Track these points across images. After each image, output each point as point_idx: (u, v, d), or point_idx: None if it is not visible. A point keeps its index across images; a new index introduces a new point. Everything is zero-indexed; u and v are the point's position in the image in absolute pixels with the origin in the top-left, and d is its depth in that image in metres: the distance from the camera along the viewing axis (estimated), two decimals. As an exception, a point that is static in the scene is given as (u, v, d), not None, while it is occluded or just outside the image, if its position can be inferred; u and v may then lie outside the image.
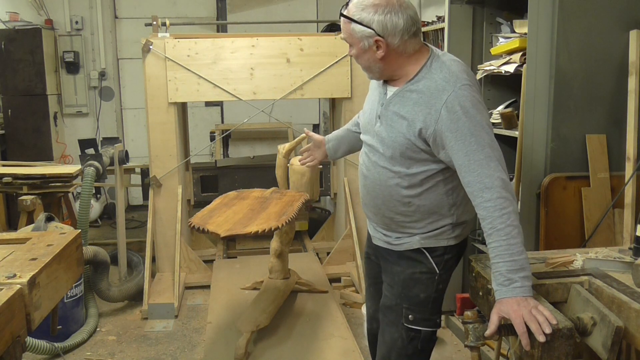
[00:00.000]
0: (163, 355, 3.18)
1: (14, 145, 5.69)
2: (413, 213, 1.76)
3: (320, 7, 6.54)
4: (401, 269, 1.83)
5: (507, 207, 1.54)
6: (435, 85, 1.64)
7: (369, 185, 1.83)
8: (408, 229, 1.80)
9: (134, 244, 4.49)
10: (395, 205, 1.77)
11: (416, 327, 1.80)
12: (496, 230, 1.53)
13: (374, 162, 1.78)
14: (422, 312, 1.80)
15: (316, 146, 2.34)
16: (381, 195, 1.79)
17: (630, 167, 2.37)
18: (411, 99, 1.68)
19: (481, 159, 1.56)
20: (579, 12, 2.41)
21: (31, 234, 1.82)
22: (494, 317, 1.49)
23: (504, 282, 1.50)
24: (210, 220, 2.67)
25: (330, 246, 4.54)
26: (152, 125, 3.97)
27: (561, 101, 2.44)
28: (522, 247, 1.53)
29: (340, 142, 2.24)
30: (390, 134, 1.71)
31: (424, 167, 1.70)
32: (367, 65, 1.75)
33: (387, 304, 1.88)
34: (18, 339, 1.32)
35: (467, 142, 1.57)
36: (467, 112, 1.58)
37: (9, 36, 5.59)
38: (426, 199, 1.74)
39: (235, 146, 6.68)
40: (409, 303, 1.81)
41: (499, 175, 1.56)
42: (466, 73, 1.67)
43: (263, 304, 3.01)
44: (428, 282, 1.80)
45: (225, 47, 3.92)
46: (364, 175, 1.85)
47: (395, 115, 1.70)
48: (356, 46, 1.71)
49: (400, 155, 1.70)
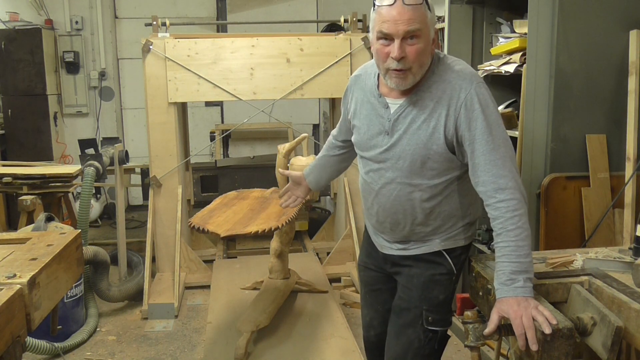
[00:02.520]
0: (163, 355, 3.18)
1: (14, 145, 5.69)
2: (434, 221, 1.73)
3: (320, 7, 6.54)
4: (420, 271, 1.78)
5: (519, 209, 1.53)
6: (451, 86, 1.59)
7: (383, 202, 1.74)
8: (428, 236, 1.76)
9: (134, 244, 4.49)
10: (415, 218, 1.72)
11: (435, 327, 1.78)
12: (506, 230, 1.53)
13: (390, 178, 1.70)
14: (440, 313, 1.78)
15: (296, 183, 2.19)
16: (402, 210, 1.72)
17: (630, 167, 2.37)
18: (426, 107, 1.61)
19: (496, 159, 1.55)
20: (579, 12, 2.41)
21: (31, 234, 1.82)
22: (494, 316, 1.49)
23: (506, 281, 1.50)
24: (210, 220, 2.68)
25: (330, 246, 4.54)
26: (152, 125, 3.97)
27: (561, 101, 2.44)
28: (529, 250, 1.53)
29: (321, 172, 2.13)
30: (408, 147, 1.64)
31: (445, 177, 1.67)
32: (424, 63, 1.58)
33: (403, 306, 1.82)
34: (18, 339, 1.32)
35: (484, 141, 1.56)
36: (485, 110, 1.56)
37: (9, 36, 5.59)
38: (447, 204, 1.71)
39: (235, 146, 6.68)
40: (428, 305, 1.77)
41: (513, 176, 1.56)
42: (473, 70, 1.66)
43: (263, 304, 3.01)
44: (447, 283, 1.78)
45: (225, 47, 3.92)
46: (375, 192, 1.76)
47: (410, 127, 1.63)
48: (426, 37, 1.54)
49: (421, 166, 1.64)
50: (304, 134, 3.19)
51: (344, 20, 4.29)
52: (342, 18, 4.30)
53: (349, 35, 4.07)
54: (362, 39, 4.01)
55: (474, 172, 1.60)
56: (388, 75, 1.60)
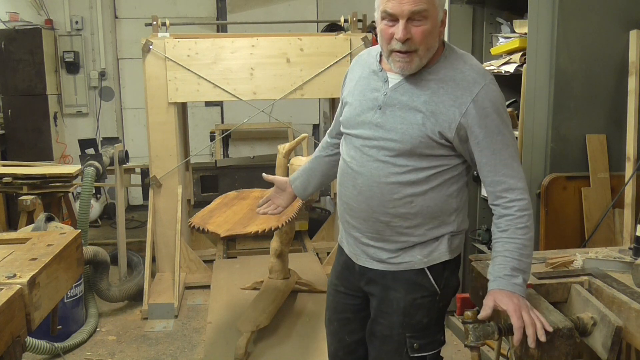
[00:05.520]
0: (163, 355, 3.18)
1: (14, 145, 5.69)
2: (414, 216, 1.57)
3: (320, 7, 6.54)
4: (400, 296, 1.62)
5: (527, 209, 1.51)
6: (463, 76, 1.50)
7: (361, 184, 1.59)
8: (405, 236, 1.59)
9: (134, 244, 4.49)
10: (395, 206, 1.56)
11: (423, 354, 1.64)
12: (515, 227, 1.50)
13: (371, 156, 1.57)
14: (426, 337, 1.64)
15: (279, 190, 2.00)
16: (378, 194, 1.57)
17: (630, 167, 2.37)
18: (428, 88, 1.51)
19: (506, 159, 1.51)
20: (579, 12, 2.41)
21: (31, 234, 1.82)
22: (489, 302, 1.44)
23: (505, 275, 1.46)
24: (210, 220, 2.68)
25: (330, 246, 4.54)
26: (152, 125, 3.97)
27: (561, 101, 2.44)
28: (531, 252, 1.51)
29: (310, 176, 1.95)
30: (400, 126, 1.52)
31: (435, 162, 1.55)
32: (432, 46, 1.49)
33: (384, 333, 1.66)
34: (18, 339, 1.32)
35: (494, 140, 1.50)
36: (497, 109, 1.50)
37: (9, 36, 5.59)
38: (431, 199, 1.56)
39: (235, 146, 6.69)
40: (412, 331, 1.63)
41: (522, 177, 1.53)
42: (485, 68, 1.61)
43: (263, 304, 3.01)
44: (430, 305, 1.63)
45: (225, 47, 3.92)
46: (353, 172, 1.61)
47: (406, 105, 1.52)
48: (433, 19, 1.46)
49: (410, 149, 1.52)
50: (304, 134, 3.19)
51: (344, 20, 4.29)
52: (342, 18, 4.30)
53: (349, 35, 4.07)
54: (362, 39, 4.01)
55: (482, 171, 1.54)
56: (392, 57, 1.51)
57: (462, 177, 1.62)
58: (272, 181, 2.01)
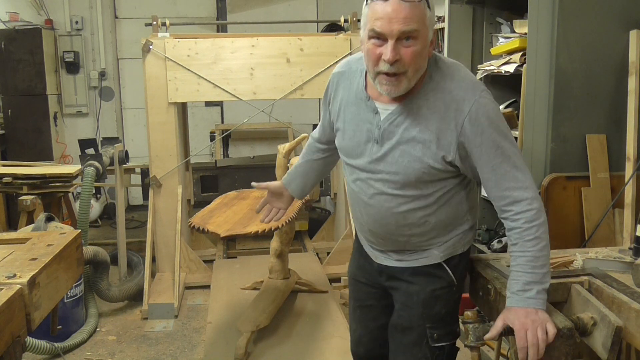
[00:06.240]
0: (163, 355, 3.18)
1: (14, 145, 5.69)
2: (431, 230, 1.61)
3: (320, 7, 6.54)
4: (419, 288, 1.67)
5: (537, 219, 1.47)
6: (451, 97, 1.45)
7: (374, 214, 1.62)
8: (425, 246, 1.65)
9: (134, 244, 4.49)
10: (410, 228, 1.60)
11: (441, 343, 1.68)
12: (523, 240, 1.47)
13: (378, 189, 1.58)
14: (444, 328, 1.68)
15: (275, 194, 1.99)
16: (393, 222, 1.60)
17: (630, 167, 2.37)
18: (420, 116, 1.48)
19: (507, 171, 1.47)
20: (579, 12, 2.41)
21: (31, 234, 1.82)
22: (499, 322, 1.45)
23: (518, 291, 1.45)
24: (210, 220, 2.68)
25: (330, 246, 4.53)
26: (152, 125, 3.97)
27: (561, 101, 2.44)
28: (546, 261, 1.47)
29: (304, 179, 1.96)
30: (400, 159, 1.51)
31: (441, 185, 1.55)
32: (421, 67, 1.44)
33: (404, 325, 1.71)
34: (18, 339, 1.32)
35: (492, 155, 1.46)
36: (492, 123, 1.45)
37: (9, 36, 5.59)
38: (444, 212, 1.59)
39: (235, 146, 6.68)
40: (432, 322, 1.67)
41: (528, 185, 1.48)
42: (474, 77, 1.56)
43: (263, 304, 3.01)
44: (448, 296, 1.68)
45: (225, 47, 3.92)
46: (364, 203, 1.63)
47: (403, 138, 1.50)
48: (423, 39, 1.39)
49: (415, 180, 1.52)
50: (304, 134, 3.19)
51: (344, 20, 4.29)
52: (342, 18, 4.30)
53: (349, 35, 4.07)
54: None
55: (486, 187, 1.52)
56: (378, 79, 1.44)
57: (469, 181, 1.63)
58: (265, 188, 1.98)
